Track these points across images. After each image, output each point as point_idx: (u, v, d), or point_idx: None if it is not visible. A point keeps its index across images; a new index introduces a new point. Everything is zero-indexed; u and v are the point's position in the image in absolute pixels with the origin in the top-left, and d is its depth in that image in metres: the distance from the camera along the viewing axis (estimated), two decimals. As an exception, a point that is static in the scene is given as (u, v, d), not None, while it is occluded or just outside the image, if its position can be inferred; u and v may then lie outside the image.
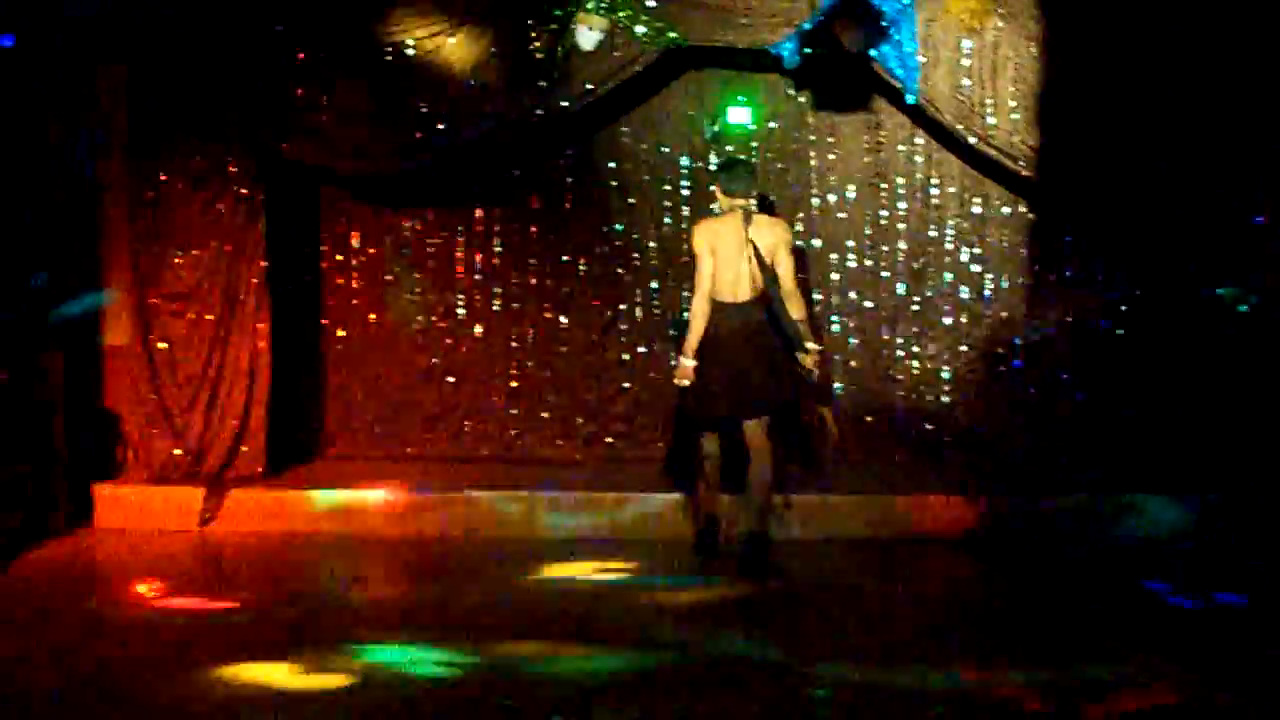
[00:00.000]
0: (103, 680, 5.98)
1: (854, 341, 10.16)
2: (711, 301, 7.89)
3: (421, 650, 6.42)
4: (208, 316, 9.26)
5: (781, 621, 7.06)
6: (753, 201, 8.07)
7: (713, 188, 8.37)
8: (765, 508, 8.04)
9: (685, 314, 8.30)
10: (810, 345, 7.84)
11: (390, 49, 9.05)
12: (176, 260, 9.24)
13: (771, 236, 7.86)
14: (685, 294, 8.97)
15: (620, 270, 10.17)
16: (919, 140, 9.99)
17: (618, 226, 10.16)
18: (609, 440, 10.28)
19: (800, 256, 9.44)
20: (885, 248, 10.11)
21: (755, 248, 7.79)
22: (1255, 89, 8.87)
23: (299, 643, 6.54)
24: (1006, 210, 10.01)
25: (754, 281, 7.84)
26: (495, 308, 10.26)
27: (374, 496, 9.06)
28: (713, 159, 10.00)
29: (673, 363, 8.64)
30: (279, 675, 6.08)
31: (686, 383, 7.90)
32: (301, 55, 9.04)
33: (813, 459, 9.14)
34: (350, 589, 7.69)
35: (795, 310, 7.85)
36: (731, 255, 7.82)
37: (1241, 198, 9.12)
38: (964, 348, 10.09)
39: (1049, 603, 7.42)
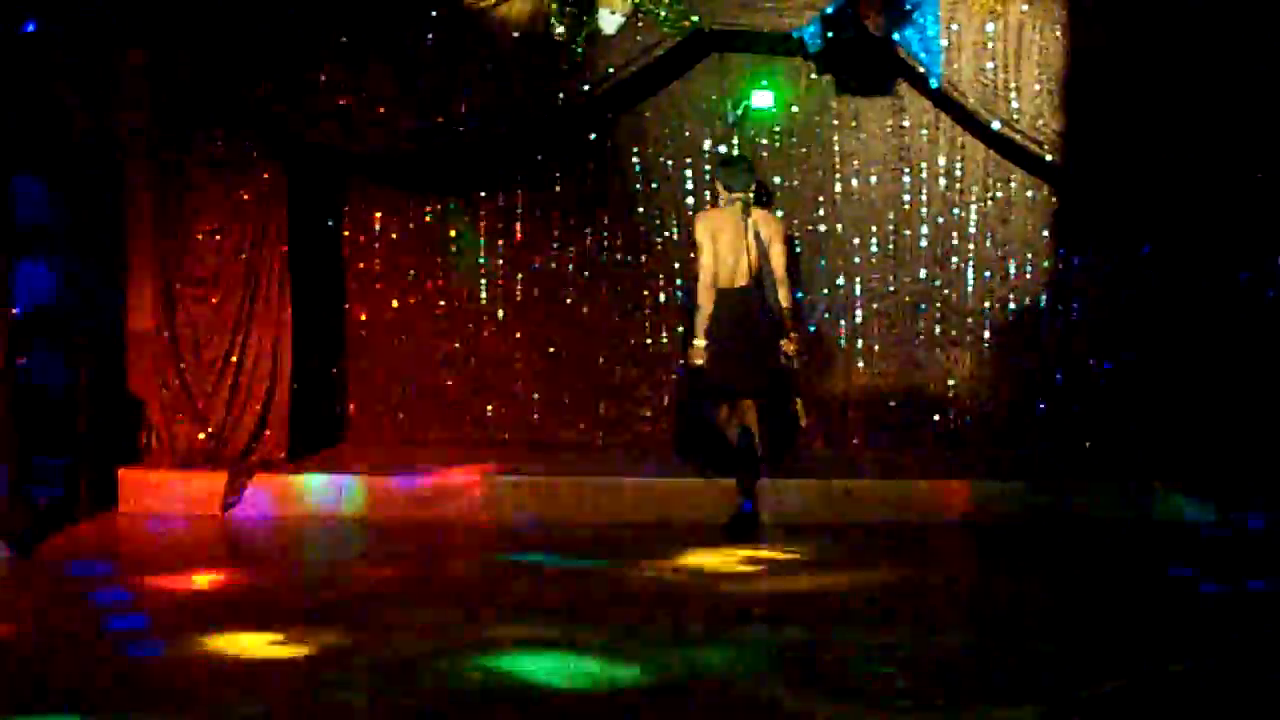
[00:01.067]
0: (118, 663, 5.97)
1: (877, 327, 10.12)
2: (715, 287, 8.28)
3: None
4: (230, 301, 9.27)
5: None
6: (752, 195, 8.42)
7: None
8: (754, 477, 8.49)
9: (687, 299, 8.74)
10: (793, 333, 8.27)
11: (412, 32, 9.06)
12: (199, 245, 9.25)
13: (767, 230, 8.34)
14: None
15: (643, 254, 10.15)
16: (942, 124, 9.96)
17: (640, 210, 10.15)
18: (632, 425, 10.26)
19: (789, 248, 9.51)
20: (908, 232, 10.08)
21: (755, 236, 8.22)
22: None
23: (316, 621, 6.55)
24: (1030, 195, 9.99)
25: (752, 268, 8.25)
26: (518, 292, 10.26)
27: (397, 481, 9.06)
28: (736, 143, 9.98)
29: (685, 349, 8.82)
30: (283, 649, 6.10)
31: (700, 363, 8.31)
32: (322, 39, 9.04)
33: (782, 444, 9.09)
34: (369, 570, 7.70)
35: (784, 297, 8.31)
36: (731, 243, 8.26)
37: (1268, 182, 9.05)
38: (987, 333, 10.06)
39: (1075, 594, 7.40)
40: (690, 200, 10.01)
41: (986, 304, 10.05)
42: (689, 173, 10.05)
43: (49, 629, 6.53)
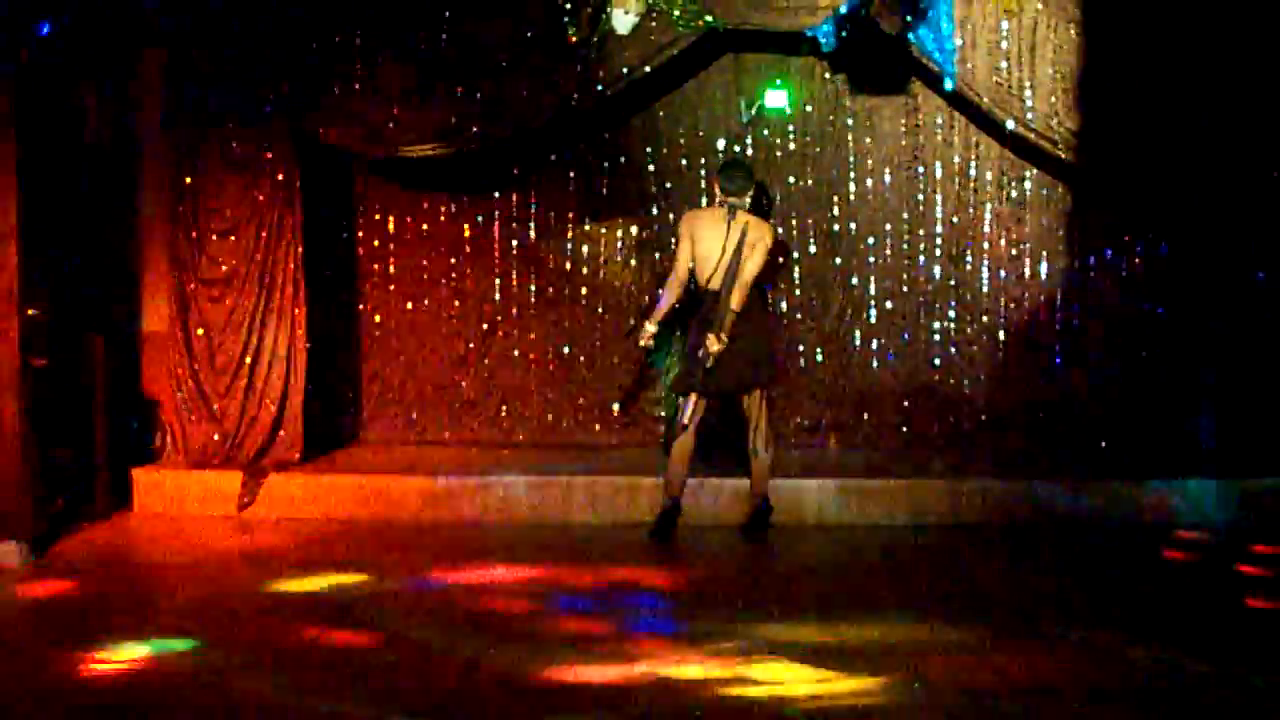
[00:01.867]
0: (133, 672, 5.98)
1: (891, 326, 10.11)
2: (692, 286, 8.35)
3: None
4: (245, 302, 9.26)
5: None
6: (746, 200, 8.31)
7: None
8: (767, 473, 8.51)
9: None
10: (721, 336, 8.01)
11: (427, 35, 9.06)
12: (214, 246, 9.25)
13: (751, 235, 8.16)
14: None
15: (658, 254, 10.13)
16: (956, 123, 9.96)
17: (654, 210, 10.14)
18: (646, 425, 10.24)
19: (783, 254, 9.89)
20: (923, 232, 10.07)
21: (735, 242, 8.09)
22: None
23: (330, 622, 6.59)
24: (1045, 193, 9.97)
25: (729, 272, 8.12)
26: (531, 292, 10.25)
27: (411, 482, 9.06)
28: (750, 143, 9.97)
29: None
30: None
31: (643, 344, 8.41)
32: (338, 40, 9.05)
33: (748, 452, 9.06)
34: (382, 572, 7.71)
35: (735, 300, 8.11)
36: (711, 245, 8.18)
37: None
38: (1002, 332, 10.05)
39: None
40: (704, 201, 9.98)
41: (1001, 303, 10.03)
42: (703, 172, 10.02)
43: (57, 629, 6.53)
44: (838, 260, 10.09)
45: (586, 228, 10.20)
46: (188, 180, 9.21)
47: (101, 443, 9.03)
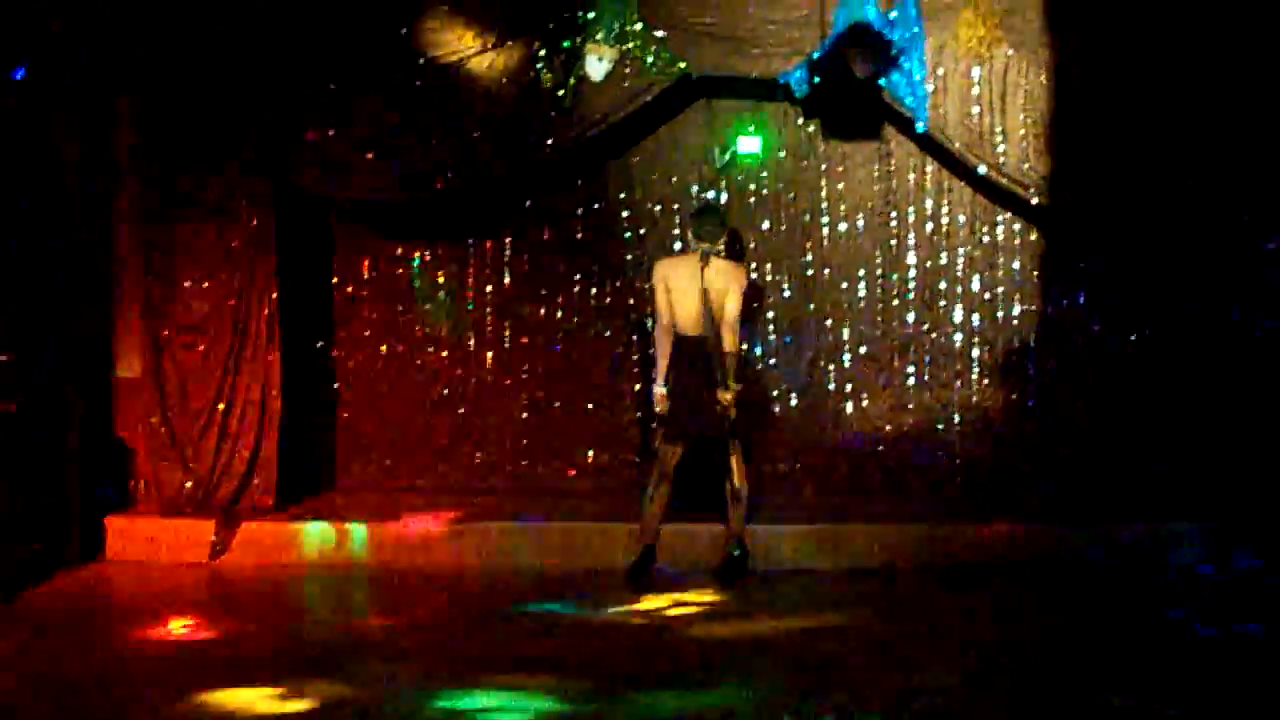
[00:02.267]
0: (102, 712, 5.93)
1: (865, 371, 10.13)
2: (674, 334, 8.35)
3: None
4: (219, 348, 9.25)
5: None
6: (720, 246, 8.39)
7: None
8: (744, 517, 8.53)
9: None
10: (731, 384, 8.13)
11: (401, 81, 9.09)
12: (187, 292, 9.25)
13: (724, 280, 8.25)
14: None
15: (631, 300, 10.15)
16: (929, 168, 10.02)
17: (629, 256, 10.15)
18: (621, 471, 10.22)
19: (757, 298, 9.89)
20: (895, 276, 10.11)
21: (712, 286, 8.17)
22: (1266, 114, 8.88)
23: (301, 672, 6.52)
24: (1018, 238, 10.03)
25: (705, 317, 8.17)
26: (506, 338, 10.25)
27: (385, 528, 9.03)
28: (724, 188, 10.02)
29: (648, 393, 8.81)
30: (278, 705, 6.07)
31: (659, 410, 8.42)
32: (311, 86, 9.07)
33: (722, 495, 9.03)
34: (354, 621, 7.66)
35: (728, 344, 8.21)
36: (686, 291, 8.25)
37: (1253, 222, 9.12)
38: (975, 375, 10.08)
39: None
40: (678, 246, 10.01)
41: (975, 347, 10.06)
42: (677, 218, 10.04)
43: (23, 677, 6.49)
44: (811, 305, 10.12)
45: (561, 274, 10.20)
46: (162, 226, 9.21)
47: (74, 489, 8.98)
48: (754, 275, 9.84)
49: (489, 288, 10.25)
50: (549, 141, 9.24)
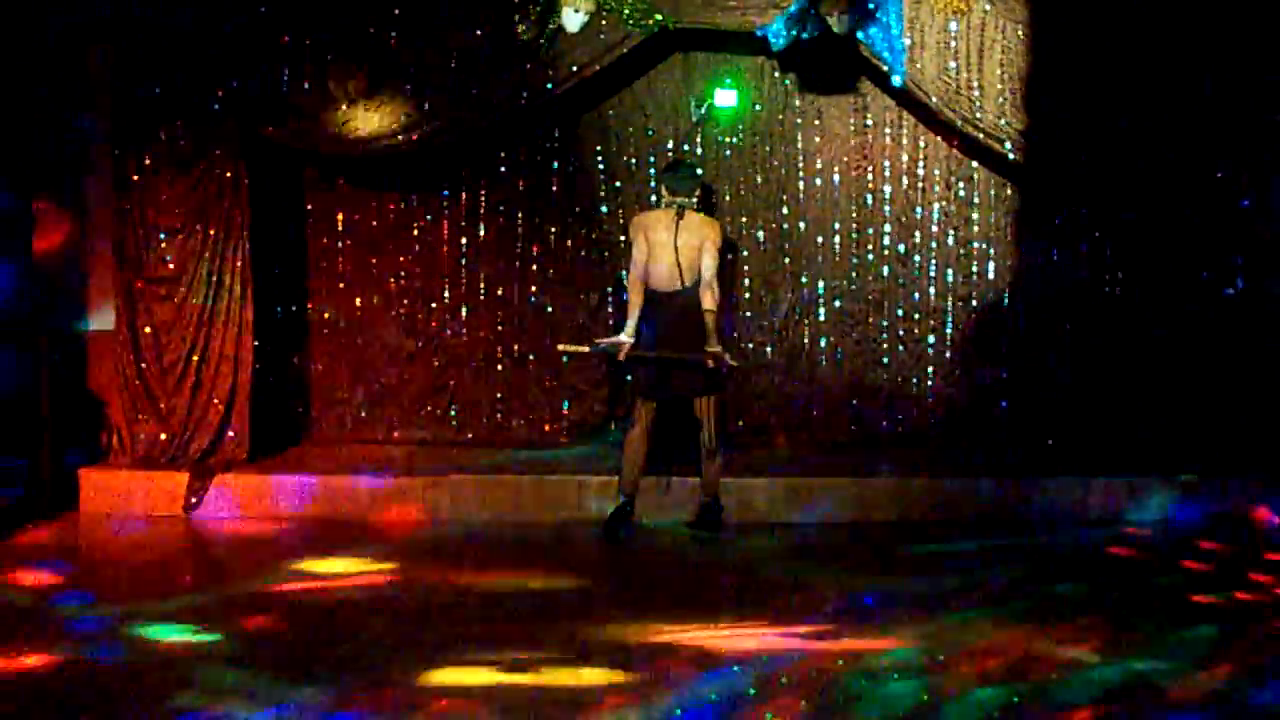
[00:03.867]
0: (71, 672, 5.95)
1: (840, 324, 10.15)
2: (649, 290, 8.39)
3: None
4: (193, 301, 9.21)
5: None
6: (694, 200, 8.45)
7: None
8: (719, 470, 8.63)
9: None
10: (714, 343, 8.23)
11: (376, 31, 9.03)
12: (162, 244, 9.20)
13: (699, 234, 8.31)
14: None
15: (607, 253, 10.14)
16: (905, 123, 10.01)
17: (604, 209, 10.14)
18: (596, 424, 10.25)
19: (732, 252, 9.89)
20: (871, 230, 10.12)
21: (685, 241, 8.25)
22: (1242, 69, 8.91)
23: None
24: (993, 192, 10.05)
25: (681, 272, 8.26)
26: (481, 291, 10.23)
27: (360, 481, 9.04)
28: (699, 142, 10.00)
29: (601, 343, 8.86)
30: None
31: (622, 357, 8.42)
32: (287, 38, 9.00)
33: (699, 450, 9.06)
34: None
35: (709, 302, 8.26)
36: (662, 246, 8.31)
37: (1228, 179, 9.14)
38: (950, 330, 10.10)
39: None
40: (654, 199, 9.97)
41: (949, 302, 10.09)
42: (652, 171, 10.01)
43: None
44: (787, 259, 10.12)
45: (536, 226, 10.17)
46: (135, 178, 9.14)
47: (47, 443, 8.97)
48: (729, 229, 9.81)
49: (464, 240, 10.21)
50: (524, 93, 9.20)
